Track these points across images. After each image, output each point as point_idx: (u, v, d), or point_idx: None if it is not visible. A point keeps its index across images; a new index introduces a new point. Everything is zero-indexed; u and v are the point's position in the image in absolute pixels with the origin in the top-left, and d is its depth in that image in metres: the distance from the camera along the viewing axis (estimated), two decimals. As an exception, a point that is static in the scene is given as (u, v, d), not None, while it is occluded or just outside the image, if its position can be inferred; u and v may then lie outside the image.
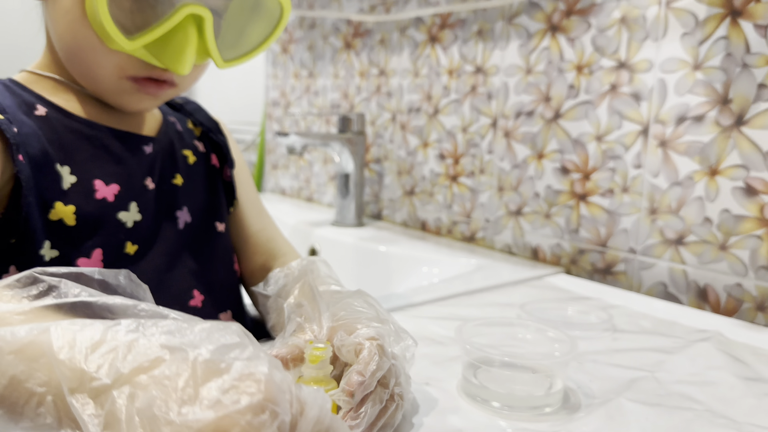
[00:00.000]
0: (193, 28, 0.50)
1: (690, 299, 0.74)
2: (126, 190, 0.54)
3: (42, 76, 0.55)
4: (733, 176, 0.70)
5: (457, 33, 1.00)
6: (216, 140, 0.67)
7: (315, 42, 1.32)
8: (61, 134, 0.52)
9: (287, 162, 1.46)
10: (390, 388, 0.39)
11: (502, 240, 0.96)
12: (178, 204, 0.60)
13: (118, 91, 0.54)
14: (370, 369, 0.37)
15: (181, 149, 0.63)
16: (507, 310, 0.67)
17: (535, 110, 0.90)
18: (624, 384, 0.49)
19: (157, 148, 0.59)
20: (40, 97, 0.53)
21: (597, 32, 0.82)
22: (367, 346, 0.39)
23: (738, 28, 0.68)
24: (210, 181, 0.65)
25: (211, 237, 0.63)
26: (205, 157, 0.66)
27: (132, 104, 0.56)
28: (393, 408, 0.39)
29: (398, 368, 0.40)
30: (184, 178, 0.61)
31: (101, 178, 0.53)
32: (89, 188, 0.52)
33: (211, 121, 0.69)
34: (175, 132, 0.64)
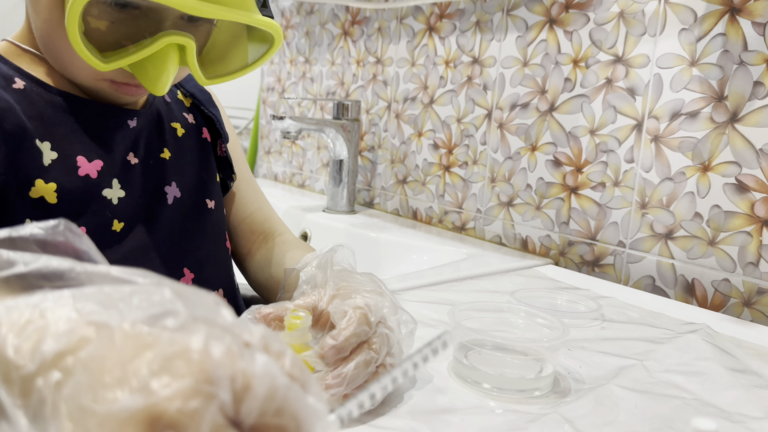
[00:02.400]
0: (174, 53, 0.48)
1: (677, 293, 0.75)
2: (108, 166, 0.53)
3: (20, 49, 0.53)
4: (725, 173, 0.70)
5: (455, 23, 1.00)
6: (208, 113, 0.65)
7: (312, 28, 1.31)
8: (41, 108, 0.50)
9: (280, 148, 1.45)
10: (381, 355, 0.39)
11: (492, 230, 0.97)
12: (167, 179, 0.58)
13: (96, 89, 0.53)
14: (344, 334, 0.38)
15: (169, 121, 0.61)
16: (497, 297, 0.67)
17: (530, 102, 0.90)
18: (613, 371, 0.49)
19: (143, 121, 0.57)
20: (19, 69, 0.51)
21: (595, 26, 0.82)
22: (349, 313, 0.39)
23: (736, 25, 0.69)
24: (201, 155, 0.63)
25: (202, 213, 0.61)
26: (195, 130, 0.64)
27: (111, 99, 0.54)
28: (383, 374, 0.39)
29: (391, 339, 0.40)
30: (172, 151, 0.59)
31: (83, 154, 0.51)
32: (72, 164, 0.50)
33: (202, 92, 0.67)
34: (162, 103, 0.62)
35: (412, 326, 0.44)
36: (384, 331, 0.40)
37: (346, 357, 0.38)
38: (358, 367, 0.38)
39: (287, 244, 0.66)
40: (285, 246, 0.65)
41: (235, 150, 0.70)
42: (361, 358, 0.38)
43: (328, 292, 0.43)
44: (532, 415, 0.41)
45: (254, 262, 0.68)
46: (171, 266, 0.57)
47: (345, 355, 0.38)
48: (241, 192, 0.70)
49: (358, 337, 0.39)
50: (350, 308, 0.40)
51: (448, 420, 0.40)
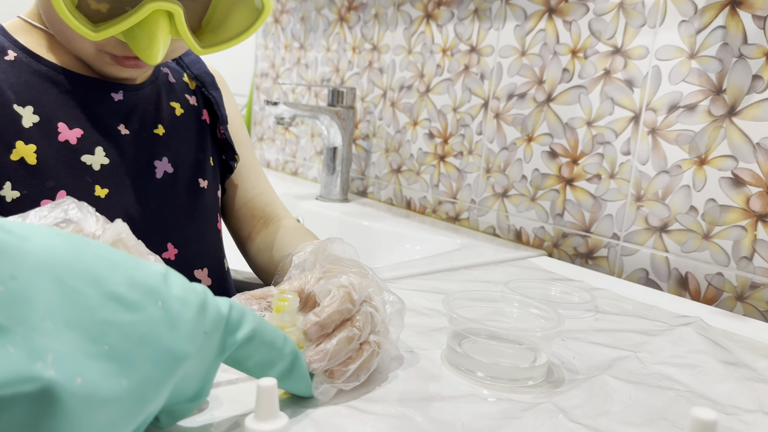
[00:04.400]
0: (164, 20, 0.49)
1: (671, 287, 0.75)
2: (90, 134, 0.54)
3: (30, 25, 0.56)
4: (722, 166, 0.70)
5: (453, 11, 0.99)
6: (208, 95, 0.66)
7: (308, 14, 1.30)
8: (27, 77, 0.53)
9: (273, 134, 1.44)
10: (364, 333, 0.40)
11: (486, 221, 0.96)
12: (158, 153, 0.59)
13: (99, 62, 0.54)
14: (326, 311, 0.38)
15: (168, 101, 0.62)
16: (490, 287, 0.67)
17: (527, 93, 0.89)
18: (607, 362, 0.49)
19: (136, 96, 0.59)
20: (16, 42, 0.55)
21: (594, 16, 0.81)
22: (333, 291, 0.40)
23: (737, 17, 0.68)
24: (199, 136, 0.64)
25: (193, 192, 0.62)
26: (195, 111, 0.65)
27: (114, 73, 0.56)
28: (368, 353, 0.40)
29: (375, 317, 0.41)
30: (167, 128, 0.61)
31: (65, 121, 0.53)
32: (52, 129, 0.52)
33: (206, 75, 0.68)
34: (165, 83, 0.63)
35: (399, 306, 0.44)
36: (368, 310, 0.41)
37: (329, 333, 0.39)
38: (340, 343, 0.38)
39: (287, 228, 0.66)
40: (285, 231, 0.66)
41: (240, 134, 0.71)
42: (344, 334, 0.39)
43: (315, 275, 0.44)
44: (526, 404, 0.40)
45: (254, 245, 0.69)
46: (155, 239, 0.58)
47: (328, 332, 0.39)
48: (244, 176, 0.71)
49: (341, 314, 0.39)
50: (334, 287, 0.40)
51: (441, 407, 0.39)
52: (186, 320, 0.28)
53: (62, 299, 0.24)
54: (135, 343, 0.25)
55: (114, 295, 0.25)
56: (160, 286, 0.27)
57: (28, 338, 0.22)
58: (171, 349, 0.27)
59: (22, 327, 0.22)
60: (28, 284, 0.23)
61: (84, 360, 0.24)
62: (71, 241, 0.26)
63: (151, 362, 0.26)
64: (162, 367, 0.26)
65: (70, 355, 0.23)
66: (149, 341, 0.26)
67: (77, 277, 0.24)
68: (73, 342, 0.23)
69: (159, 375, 0.26)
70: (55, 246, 0.25)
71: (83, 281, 0.25)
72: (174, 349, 0.27)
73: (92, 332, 0.24)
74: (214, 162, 0.66)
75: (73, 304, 0.24)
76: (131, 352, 0.25)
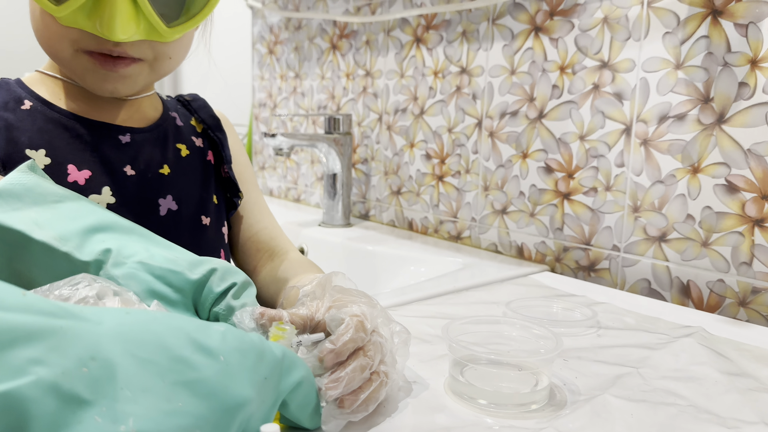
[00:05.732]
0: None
1: (673, 296, 0.75)
2: (98, 175, 0.58)
3: (46, 75, 0.61)
4: (715, 174, 0.71)
5: (442, 34, 1.01)
6: (213, 137, 0.70)
7: (301, 43, 1.32)
8: (41, 124, 0.57)
9: (275, 163, 1.46)
10: (375, 363, 0.41)
11: (488, 239, 0.97)
12: (162, 192, 0.62)
13: (82, 69, 0.57)
14: (342, 339, 0.39)
15: (175, 142, 0.66)
16: (493, 308, 0.67)
17: (519, 110, 0.90)
18: (609, 380, 0.49)
19: (142, 138, 0.62)
20: (32, 92, 0.59)
21: (580, 32, 0.82)
22: (346, 320, 0.41)
23: (719, 27, 0.69)
24: (203, 175, 0.68)
25: (196, 228, 0.65)
26: (201, 152, 0.69)
27: (99, 84, 0.57)
28: (377, 383, 0.41)
29: (384, 347, 0.42)
30: (172, 168, 0.64)
31: (74, 163, 0.57)
32: (62, 170, 0.56)
33: (212, 119, 0.72)
34: (173, 126, 0.67)
35: (406, 336, 0.45)
36: (378, 340, 0.42)
37: (343, 362, 0.40)
38: (354, 371, 0.39)
39: (292, 261, 0.69)
40: (290, 263, 0.68)
41: (245, 172, 0.75)
42: (357, 363, 0.40)
43: (325, 304, 0.45)
44: (529, 430, 0.41)
45: (260, 278, 0.71)
46: None
47: (342, 360, 0.40)
48: (248, 211, 0.74)
49: (355, 343, 0.40)
50: (347, 316, 0.41)
51: (444, 439, 0.40)
52: (247, 369, 0.31)
53: (136, 369, 0.27)
54: (204, 397, 0.29)
55: (181, 358, 0.29)
56: (220, 343, 0.31)
57: (111, 407, 0.26)
58: (236, 396, 0.30)
59: (106, 399, 0.26)
60: (106, 362, 0.27)
61: (161, 418, 0.27)
62: (138, 317, 0.29)
63: (220, 411, 0.29)
64: (230, 413, 0.30)
65: (149, 416, 0.27)
66: (216, 393, 0.29)
67: (146, 348, 0.28)
68: (150, 404, 0.27)
69: (227, 421, 0.30)
70: (124, 324, 0.29)
71: (152, 351, 0.28)
72: (238, 396, 0.30)
73: (166, 393, 0.28)
74: (218, 200, 0.69)
75: (146, 372, 0.28)
76: (202, 405, 0.29)
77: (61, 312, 0.27)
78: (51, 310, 0.27)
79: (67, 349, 0.26)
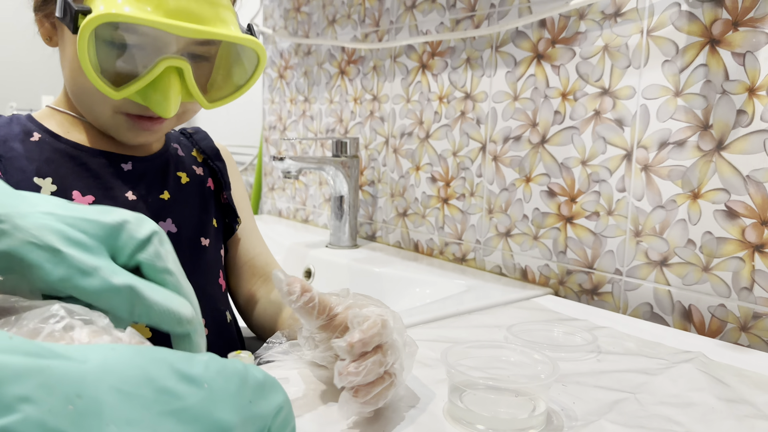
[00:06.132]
0: (174, 76, 0.56)
1: (675, 320, 0.76)
2: (100, 200, 0.61)
3: (56, 111, 0.65)
4: (715, 200, 0.72)
5: (447, 60, 1.03)
6: (213, 166, 0.73)
7: (310, 68, 1.35)
8: (49, 154, 0.61)
9: (284, 184, 1.48)
10: (389, 362, 0.44)
11: (492, 261, 0.98)
12: (162, 216, 0.65)
13: (116, 126, 0.61)
14: (371, 331, 0.43)
15: (176, 170, 0.69)
16: (495, 332, 0.68)
17: (522, 135, 0.92)
18: (606, 405, 0.50)
19: (144, 166, 0.65)
20: (41, 126, 0.63)
21: (581, 60, 0.84)
22: (373, 317, 0.44)
23: (717, 55, 0.71)
24: (203, 200, 0.70)
25: (195, 250, 0.67)
26: (201, 180, 0.71)
27: (131, 138, 0.63)
28: (388, 382, 0.44)
29: (398, 351, 0.45)
30: (172, 194, 0.67)
31: (79, 189, 0.60)
32: (67, 197, 0.59)
33: (212, 149, 0.75)
34: (174, 156, 0.70)
35: (414, 348, 0.49)
36: (396, 343, 0.45)
37: (365, 353, 0.43)
38: (374, 364, 0.43)
39: None
40: None
41: (242, 202, 0.78)
42: (377, 357, 0.43)
43: (347, 301, 0.48)
44: (525, 456, 0.42)
45: (257, 302, 0.74)
46: None
47: (367, 351, 0.43)
48: (245, 238, 0.77)
49: (381, 338, 0.44)
50: (373, 314, 0.45)
51: (441, 464, 0.41)
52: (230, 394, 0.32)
53: (122, 404, 0.28)
54: (190, 423, 0.30)
55: (165, 389, 0.30)
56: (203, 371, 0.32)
57: None
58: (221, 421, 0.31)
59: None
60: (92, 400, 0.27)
61: None
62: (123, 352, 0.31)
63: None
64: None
65: None
66: (202, 419, 0.30)
67: (132, 382, 0.29)
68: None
69: None
70: (109, 361, 0.30)
71: (137, 385, 0.29)
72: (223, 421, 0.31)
73: (152, 424, 0.28)
74: (217, 224, 0.71)
75: (131, 405, 0.28)
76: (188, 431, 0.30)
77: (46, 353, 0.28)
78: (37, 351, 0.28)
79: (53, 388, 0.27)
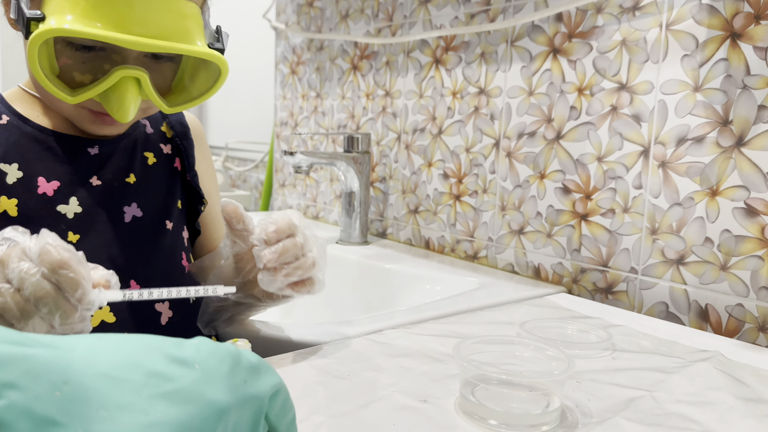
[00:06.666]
0: (132, 85, 0.56)
1: (691, 319, 0.74)
2: (66, 186, 0.61)
3: (26, 92, 0.65)
4: (734, 197, 0.70)
5: (461, 55, 1.02)
6: (178, 144, 0.73)
7: (323, 64, 1.34)
8: (16, 138, 0.61)
9: (294, 180, 1.47)
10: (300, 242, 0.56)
11: (504, 259, 0.97)
12: (127, 200, 0.65)
13: (80, 118, 0.61)
14: (281, 223, 0.55)
15: (143, 150, 0.69)
16: (507, 329, 0.67)
17: (537, 131, 0.91)
18: (622, 403, 0.49)
19: (110, 149, 0.66)
20: (11, 108, 0.63)
21: (598, 54, 0.83)
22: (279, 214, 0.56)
23: (738, 50, 0.69)
24: (169, 182, 0.70)
25: (159, 233, 0.67)
26: (168, 159, 0.71)
27: (95, 130, 0.63)
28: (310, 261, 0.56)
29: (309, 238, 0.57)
30: (138, 176, 0.67)
31: (44, 175, 0.60)
32: (33, 183, 0.59)
33: (181, 126, 0.74)
34: (142, 134, 0.70)
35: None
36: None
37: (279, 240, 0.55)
38: (286, 245, 0.55)
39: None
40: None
41: (210, 184, 0.77)
42: (290, 241, 0.55)
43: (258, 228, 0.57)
44: (538, 452, 0.41)
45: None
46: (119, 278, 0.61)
47: (281, 238, 0.55)
48: (211, 218, 0.78)
49: (290, 228, 0.55)
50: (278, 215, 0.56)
51: (453, 458, 0.40)
52: (223, 374, 0.31)
53: (111, 389, 0.28)
54: (183, 405, 0.29)
55: (155, 372, 0.29)
56: (194, 353, 0.31)
57: (86, 429, 0.26)
58: (215, 401, 0.30)
59: (80, 421, 0.26)
60: (79, 386, 0.27)
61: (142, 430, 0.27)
62: (110, 340, 0.30)
63: (200, 418, 0.29)
64: (211, 419, 0.30)
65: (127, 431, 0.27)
66: (194, 400, 0.29)
67: (120, 368, 0.29)
68: (128, 420, 0.27)
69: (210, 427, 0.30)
70: (96, 348, 0.29)
71: (126, 370, 0.29)
72: (217, 401, 0.30)
73: (143, 407, 0.28)
74: (182, 205, 0.72)
75: (121, 390, 0.28)
76: (181, 413, 0.29)
77: (31, 342, 0.27)
78: (21, 340, 0.27)
79: (39, 375, 0.26)
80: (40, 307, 0.43)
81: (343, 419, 0.44)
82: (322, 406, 0.46)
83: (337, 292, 1.05)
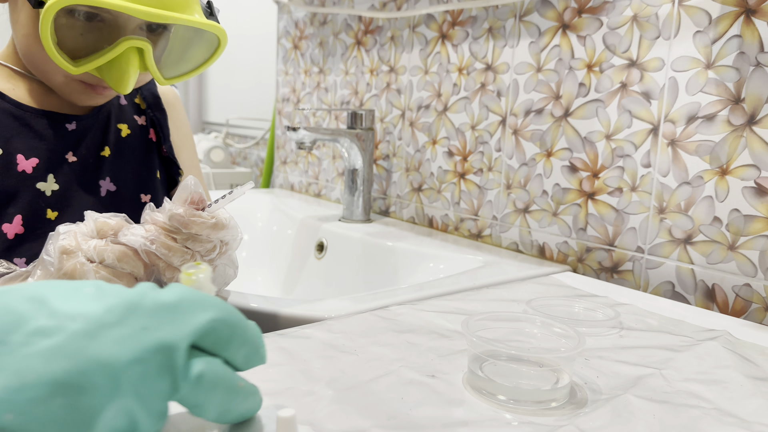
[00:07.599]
0: (134, 56, 0.57)
1: (697, 299, 0.74)
2: (43, 163, 0.61)
3: (1, 65, 0.64)
4: (744, 176, 0.69)
5: (467, 30, 1.00)
6: (151, 116, 0.73)
7: (326, 39, 1.32)
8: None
9: (296, 158, 1.46)
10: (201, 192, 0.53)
11: (509, 237, 0.96)
12: (102, 174, 0.66)
13: (69, 90, 0.61)
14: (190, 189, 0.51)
15: (116, 123, 0.69)
16: (513, 306, 0.67)
17: (544, 108, 0.89)
18: (631, 380, 0.48)
19: (87, 123, 0.66)
20: None
21: (608, 30, 0.81)
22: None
23: (752, 26, 0.68)
24: (144, 154, 0.71)
25: (135, 206, 0.68)
26: (143, 131, 0.71)
27: (83, 100, 0.63)
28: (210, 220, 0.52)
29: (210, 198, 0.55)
30: (113, 150, 0.67)
31: (23, 152, 0.60)
32: (11, 161, 0.59)
33: (153, 97, 0.74)
34: (116, 106, 0.70)
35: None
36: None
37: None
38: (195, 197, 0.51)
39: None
40: None
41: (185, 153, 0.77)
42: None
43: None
44: (549, 427, 0.40)
45: None
46: None
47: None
48: None
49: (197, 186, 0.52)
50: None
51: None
52: (109, 324, 0.29)
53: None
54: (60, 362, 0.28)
55: (35, 330, 0.28)
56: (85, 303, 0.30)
57: None
58: (95, 357, 0.28)
59: None
60: None
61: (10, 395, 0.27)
62: (4, 296, 0.30)
63: (79, 374, 0.28)
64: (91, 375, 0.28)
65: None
66: (72, 356, 0.28)
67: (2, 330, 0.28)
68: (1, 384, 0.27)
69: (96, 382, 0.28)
70: None
71: (8, 332, 0.28)
72: (98, 356, 0.28)
73: (16, 368, 0.27)
74: (160, 175, 0.72)
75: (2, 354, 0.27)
76: (57, 370, 0.27)
77: None
78: None
79: None
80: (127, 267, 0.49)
81: (351, 392, 0.44)
82: (329, 380, 0.46)
83: (340, 269, 1.04)
